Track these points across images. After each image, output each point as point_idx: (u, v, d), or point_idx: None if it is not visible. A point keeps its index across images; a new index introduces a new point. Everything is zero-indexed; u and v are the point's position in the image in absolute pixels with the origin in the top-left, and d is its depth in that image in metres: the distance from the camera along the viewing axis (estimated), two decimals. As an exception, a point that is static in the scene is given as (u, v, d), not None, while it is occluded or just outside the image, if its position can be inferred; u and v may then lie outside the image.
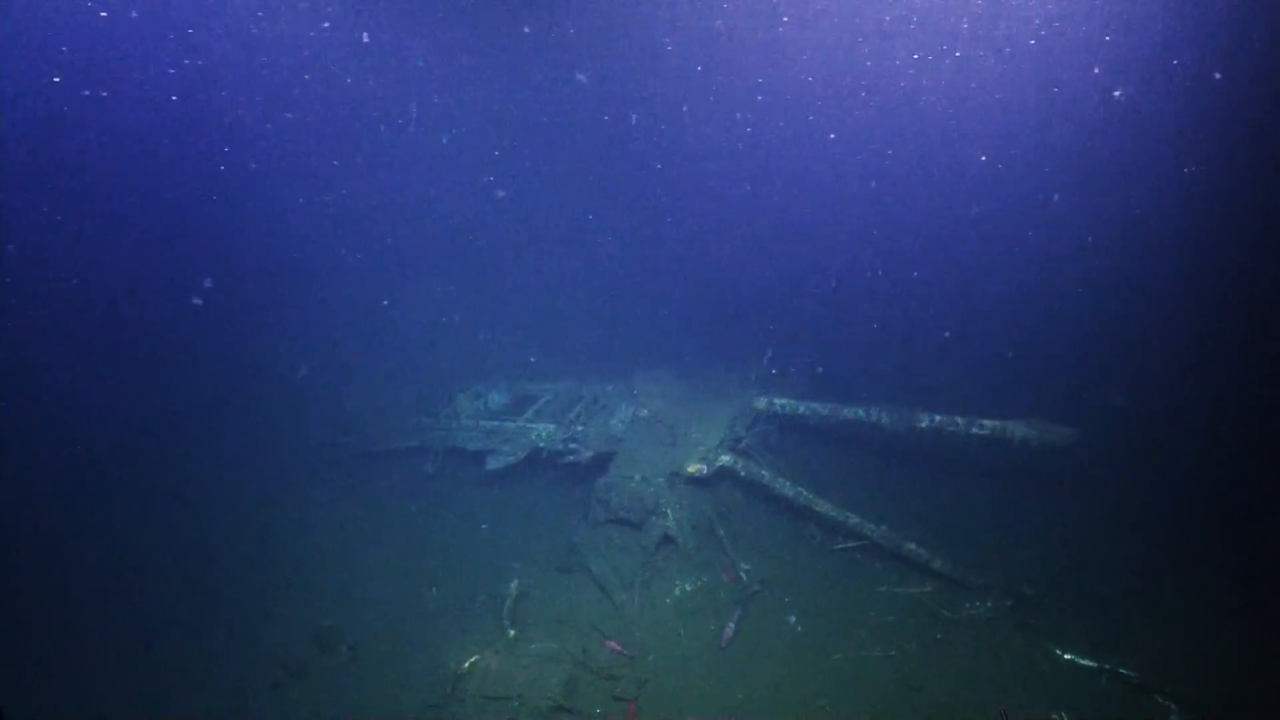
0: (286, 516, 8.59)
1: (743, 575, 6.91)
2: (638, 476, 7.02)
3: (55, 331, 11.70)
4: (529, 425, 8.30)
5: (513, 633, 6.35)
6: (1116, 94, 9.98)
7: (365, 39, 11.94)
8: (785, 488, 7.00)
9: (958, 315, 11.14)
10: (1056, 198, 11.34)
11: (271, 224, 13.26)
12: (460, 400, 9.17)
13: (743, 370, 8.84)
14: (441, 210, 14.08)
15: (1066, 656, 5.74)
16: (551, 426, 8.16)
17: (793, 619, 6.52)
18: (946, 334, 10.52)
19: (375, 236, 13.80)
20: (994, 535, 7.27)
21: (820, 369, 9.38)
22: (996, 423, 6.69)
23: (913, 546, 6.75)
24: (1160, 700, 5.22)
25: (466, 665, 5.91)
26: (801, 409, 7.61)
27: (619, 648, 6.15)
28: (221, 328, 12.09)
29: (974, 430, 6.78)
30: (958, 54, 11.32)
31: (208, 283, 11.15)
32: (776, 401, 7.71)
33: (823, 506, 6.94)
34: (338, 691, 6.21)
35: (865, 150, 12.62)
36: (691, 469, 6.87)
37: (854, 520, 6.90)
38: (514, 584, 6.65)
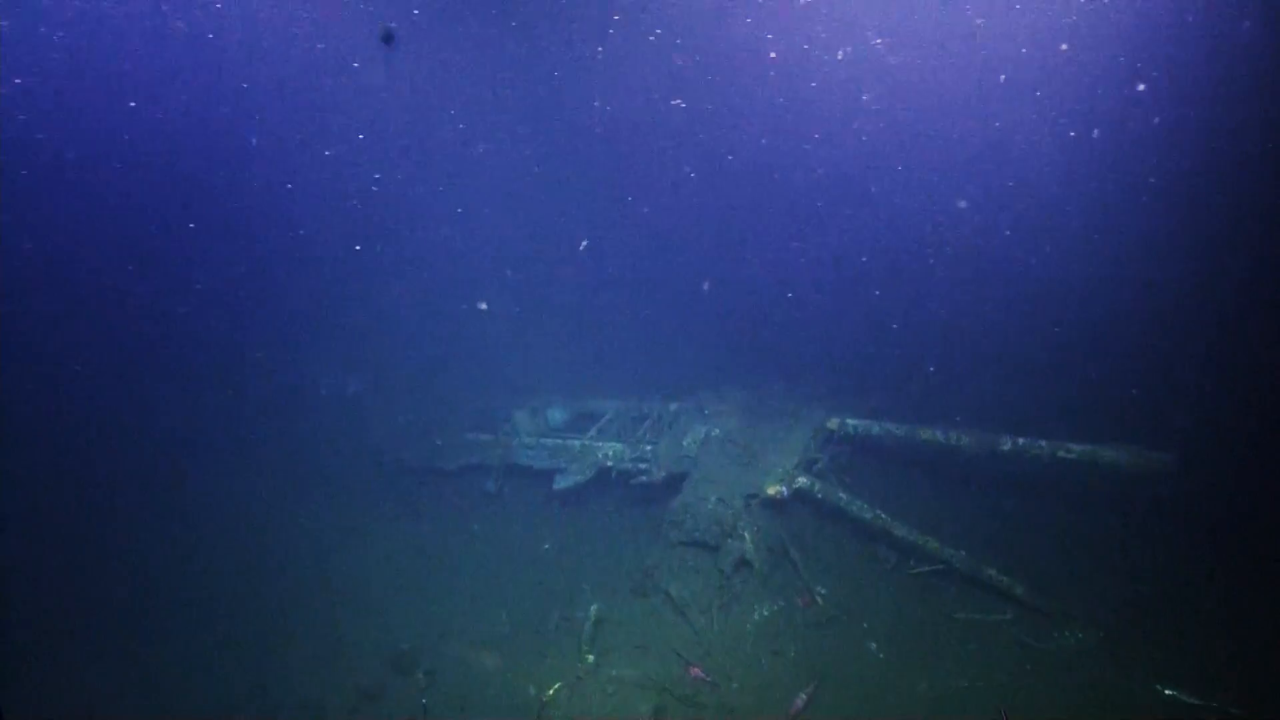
0: (351, 535, 8.55)
1: (819, 600, 6.79)
2: (714, 498, 6.93)
3: (94, 345, 11.75)
4: (595, 444, 8.23)
5: (591, 658, 6.26)
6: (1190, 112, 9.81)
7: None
8: (863, 510, 6.88)
9: (1010, 335, 10.90)
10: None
11: (318, 241, 13.31)
12: (519, 417, 9.10)
13: (809, 388, 8.71)
14: (490, 225, 14.09)
15: (1168, 693, 5.55)
16: (619, 445, 8.08)
17: (874, 645, 6.40)
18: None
19: (424, 251, 13.83)
20: (1074, 561, 7.07)
21: (885, 386, 9.22)
22: (1085, 447, 6.53)
23: (993, 572, 6.60)
24: (1275, 741, 5.03)
25: (550, 692, 5.83)
26: (875, 429, 7.48)
27: (702, 674, 6.04)
28: (269, 343, 12.12)
29: (1060, 454, 6.63)
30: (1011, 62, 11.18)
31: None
32: (849, 422, 7.58)
33: (900, 529, 6.81)
34: (415, 717, 6.15)
35: (928, 164, 12.49)
36: (771, 491, 6.76)
37: (932, 544, 6.76)
38: (594, 608, 6.55)
